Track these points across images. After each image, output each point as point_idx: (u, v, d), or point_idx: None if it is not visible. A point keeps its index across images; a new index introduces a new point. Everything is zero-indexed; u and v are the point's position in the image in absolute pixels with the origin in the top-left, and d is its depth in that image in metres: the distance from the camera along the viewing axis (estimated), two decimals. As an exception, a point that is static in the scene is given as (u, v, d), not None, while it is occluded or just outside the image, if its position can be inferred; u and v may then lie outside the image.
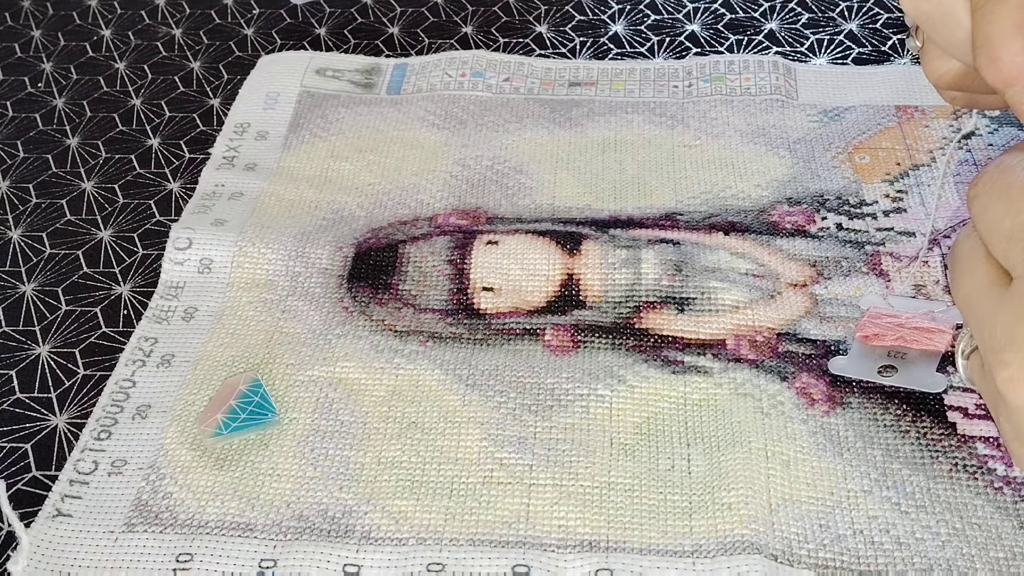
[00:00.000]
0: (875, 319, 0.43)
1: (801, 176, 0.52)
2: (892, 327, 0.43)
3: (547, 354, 0.44)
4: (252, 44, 0.65)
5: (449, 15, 0.67)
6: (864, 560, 0.36)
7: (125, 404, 0.43)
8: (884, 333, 0.43)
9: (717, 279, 0.47)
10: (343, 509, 0.39)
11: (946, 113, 0.55)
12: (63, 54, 0.66)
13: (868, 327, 0.43)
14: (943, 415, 0.41)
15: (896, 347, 0.43)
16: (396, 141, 0.56)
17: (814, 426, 0.41)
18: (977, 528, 0.37)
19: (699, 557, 0.36)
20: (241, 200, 0.52)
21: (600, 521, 0.38)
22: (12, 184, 0.56)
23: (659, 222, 0.50)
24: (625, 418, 0.42)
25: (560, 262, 0.48)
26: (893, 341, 0.43)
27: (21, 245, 0.53)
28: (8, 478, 0.42)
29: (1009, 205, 0.27)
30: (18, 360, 0.47)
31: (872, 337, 0.43)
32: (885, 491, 0.38)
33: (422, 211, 0.52)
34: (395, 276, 0.48)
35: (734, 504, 0.38)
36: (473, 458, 0.40)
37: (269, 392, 0.43)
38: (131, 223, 0.53)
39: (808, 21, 0.64)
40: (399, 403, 0.43)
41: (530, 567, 0.36)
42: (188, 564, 0.37)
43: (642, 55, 0.62)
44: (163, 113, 0.60)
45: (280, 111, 0.58)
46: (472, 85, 0.59)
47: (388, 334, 0.46)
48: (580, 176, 0.53)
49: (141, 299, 0.49)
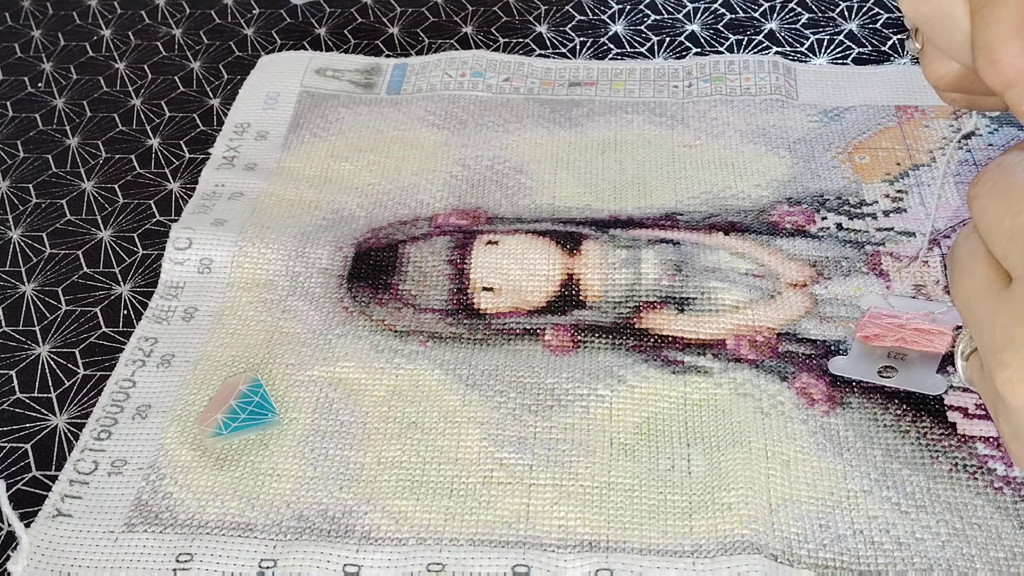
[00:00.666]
0: (875, 319, 0.43)
1: (801, 176, 0.52)
2: (893, 328, 0.43)
3: (547, 354, 0.44)
4: (252, 44, 0.65)
5: (449, 15, 0.67)
6: (864, 560, 0.36)
7: (125, 404, 0.43)
8: (884, 334, 0.43)
9: (717, 279, 0.47)
10: (343, 509, 0.39)
11: (946, 113, 0.55)
12: (63, 54, 0.66)
13: (868, 327, 0.43)
14: (943, 415, 0.41)
15: (896, 348, 0.43)
16: (396, 141, 0.56)
17: (814, 426, 0.41)
18: (977, 528, 0.37)
19: (699, 557, 0.36)
20: (241, 200, 0.52)
21: (600, 521, 0.38)
22: (12, 184, 0.56)
23: (659, 222, 0.50)
24: (625, 418, 0.42)
25: (560, 262, 0.48)
26: (893, 342, 0.43)
27: (21, 245, 0.53)
28: (8, 478, 0.42)
29: (1009, 205, 0.27)
30: (18, 360, 0.47)
31: (872, 337, 0.43)
32: (885, 491, 0.38)
33: (422, 211, 0.52)
34: (395, 276, 0.48)
35: (734, 504, 0.38)
36: (473, 458, 0.40)
37: (269, 392, 0.43)
38: (131, 223, 0.53)
39: (808, 21, 0.64)
40: (399, 403, 0.43)
41: (530, 567, 0.36)
42: (188, 564, 0.37)
43: (642, 55, 0.62)
44: (163, 113, 0.60)
45: (280, 111, 0.58)
46: (472, 85, 0.59)
47: (388, 334, 0.46)
48: (580, 176, 0.53)
49: (141, 299, 0.49)
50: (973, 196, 0.29)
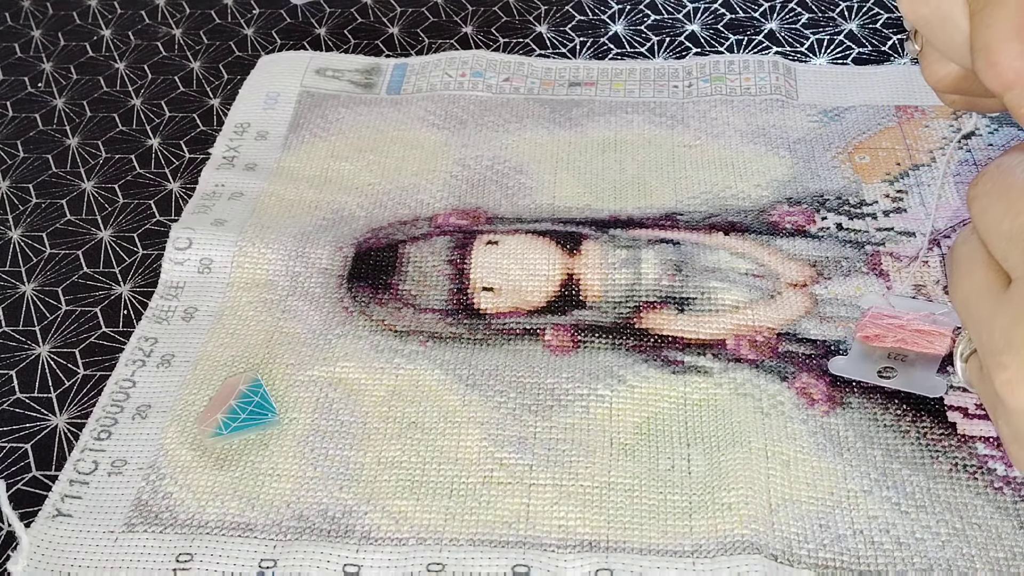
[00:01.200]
0: (876, 320, 0.43)
1: (801, 176, 0.52)
2: (893, 328, 0.43)
3: (547, 354, 0.44)
4: (252, 44, 0.65)
5: (449, 15, 0.67)
6: (864, 560, 0.36)
7: (125, 404, 0.43)
8: (885, 334, 0.43)
9: (717, 279, 0.47)
10: (343, 509, 0.39)
11: (946, 113, 0.55)
12: (63, 54, 0.66)
13: (869, 327, 0.43)
14: (943, 415, 0.41)
15: (896, 349, 0.43)
16: (396, 141, 0.56)
17: (814, 426, 0.41)
18: (977, 528, 0.37)
19: (699, 557, 0.36)
20: (241, 200, 0.52)
21: (600, 521, 0.38)
22: (12, 184, 0.56)
23: (659, 222, 0.50)
24: (625, 418, 0.42)
25: (560, 262, 0.48)
26: (894, 343, 0.43)
27: (21, 245, 0.53)
28: (8, 478, 0.42)
29: (1008, 206, 0.27)
30: (18, 360, 0.47)
31: (873, 338, 0.43)
32: (885, 491, 0.38)
33: (422, 211, 0.52)
34: (395, 276, 0.48)
35: (734, 504, 0.38)
36: (473, 458, 0.40)
37: (269, 392, 0.43)
38: (131, 223, 0.53)
39: (808, 21, 0.64)
40: (399, 403, 0.43)
41: (530, 567, 0.36)
42: (188, 564, 0.37)
43: (642, 55, 0.62)
44: (163, 113, 0.60)
45: (280, 111, 0.58)
46: (472, 85, 0.59)
47: (388, 334, 0.46)
48: (580, 176, 0.53)
49: (141, 299, 0.49)
50: (972, 197, 0.29)
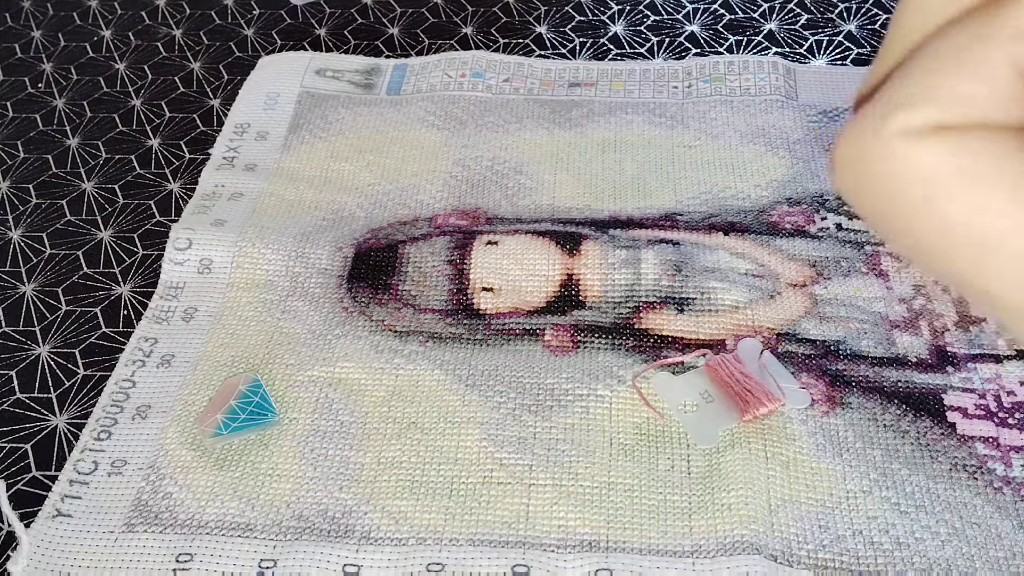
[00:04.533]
0: (730, 363, 0.42)
1: (801, 176, 0.52)
2: (733, 374, 0.42)
3: (547, 354, 0.44)
4: (252, 44, 0.65)
5: (449, 15, 0.67)
6: (864, 560, 0.36)
7: (125, 404, 0.43)
8: (724, 373, 0.42)
9: (717, 279, 0.47)
10: (343, 509, 0.39)
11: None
12: (63, 54, 0.66)
13: (721, 362, 0.42)
14: (943, 415, 0.41)
15: (719, 389, 0.42)
16: (396, 141, 0.56)
17: (813, 427, 0.41)
18: (977, 528, 0.37)
19: (699, 557, 0.36)
20: (241, 200, 0.52)
21: (600, 521, 0.38)
22: (12, 184, 0.56)
23: (659, 222, 0.50)
24: (625, 418, 0.42)
25: (560, 262, 0.48)
26: (721, 384, 0.42)
27: (21, 245, 0.53)
28: (8, 478, 0.42)
29: None
30: (18, 360, 0.47)
31: (716, 370, 0.42)
32: (885, 491, 0.38)
33: (422, 211, 0.52)
34: (395, 276, 0.48)
35: (734, 504, 0.38)
36: (473, 458, 0.40)
37: (269, 392, 0.43)
38: (131, 223, 0.53)
39: (807, 22, 0.64)
40: (399, 403, 0.43)
41: (530, 567, 0.36)
42: (188, 564, 0.37)
43: (642, 56, 0.62)
44: (163, 113, 0.60)
45: (280, 111, 0.58)
46: (472, 85, 0.59)
47: (388, 334, 0.46)
48: (580, 176, 0.53)
49: (141, 299, 0.49)
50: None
